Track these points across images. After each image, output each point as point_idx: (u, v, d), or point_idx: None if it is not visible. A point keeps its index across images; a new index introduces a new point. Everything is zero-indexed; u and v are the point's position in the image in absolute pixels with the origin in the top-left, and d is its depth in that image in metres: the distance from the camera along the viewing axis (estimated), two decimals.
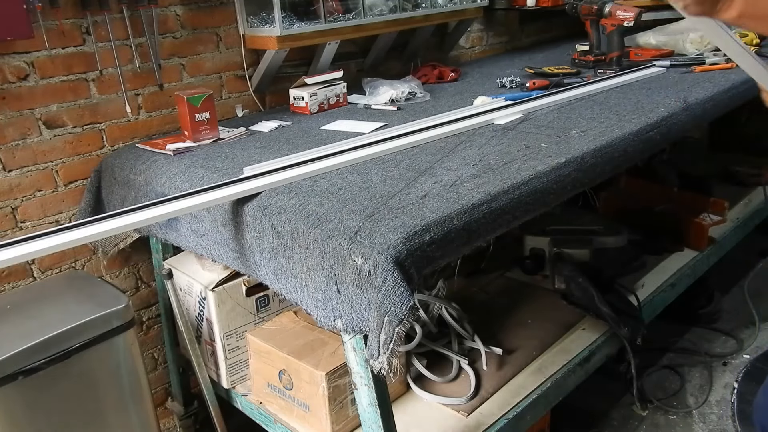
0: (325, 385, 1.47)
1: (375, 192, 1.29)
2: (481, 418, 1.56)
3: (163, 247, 1.84)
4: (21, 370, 1.34)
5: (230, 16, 2.02)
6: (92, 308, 1.47)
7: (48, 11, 1.60)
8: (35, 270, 1.77)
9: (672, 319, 2.47)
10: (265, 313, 1.75)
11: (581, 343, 1.82)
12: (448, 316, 1.81)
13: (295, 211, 1.24)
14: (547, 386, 1.66)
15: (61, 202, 1.78)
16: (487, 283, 2.17)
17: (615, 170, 1.57)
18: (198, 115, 1.72)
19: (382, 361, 1.08)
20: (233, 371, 1.75)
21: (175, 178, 1.54)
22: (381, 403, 1.25)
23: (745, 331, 2.47)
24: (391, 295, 1.04)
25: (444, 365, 1.72)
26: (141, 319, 1.99)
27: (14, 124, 1.65)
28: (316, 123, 1.89)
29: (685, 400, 2.17)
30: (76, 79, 1.74)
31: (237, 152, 1.65)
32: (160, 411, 2.09)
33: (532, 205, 1.32)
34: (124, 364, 1.53)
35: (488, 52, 3.01)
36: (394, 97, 2.05)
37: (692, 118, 1.82)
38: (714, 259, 2.39)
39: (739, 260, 2.85)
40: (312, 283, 1.19)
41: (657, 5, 2.70)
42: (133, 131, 1.88)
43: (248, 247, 1.33)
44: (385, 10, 2.17)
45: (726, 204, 2.47)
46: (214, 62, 2.02)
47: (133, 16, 1.78)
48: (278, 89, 2.18)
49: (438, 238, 1.13)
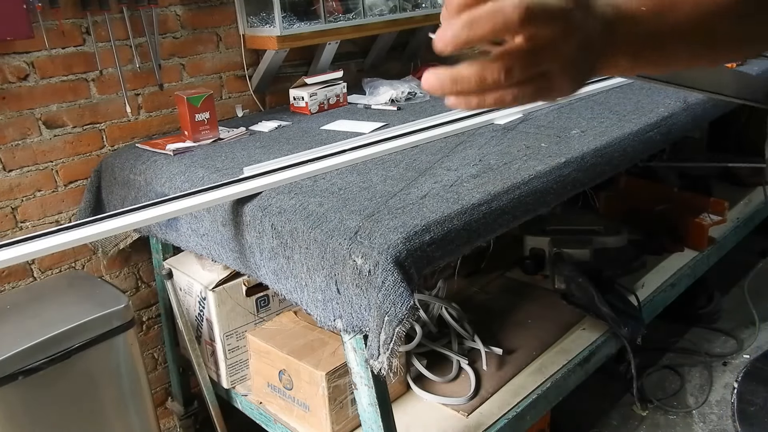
0: (325, 385, 1.47)
1: (375, 192, 1.29)
2: (481, 418, 1.56)
3: (163, 247, 1.84)
4: (21, 370, 1.34)
5: (230, 16, 2.02)
6: (92, 308, 1.47)
7: (48, 11, 1.60)
8: (35, 270, 1.77)
9: (672, 319, 2.47)
10: (265, 313, 1.75)
11: (581, 343, 1.82)
12: (448, 316, 1.81)
13: (295, 211, 1.24)
14: (547, 386, 1.66)
15: (61, 202, 1.78)
16: (487, 283, 2.17)
17: (615, 170, 1.57)
18: (198, 115, 1.72)
19: (382, 361, 1.08)
20: (233, 371, 1.75)
21: (175, 178, 1.54)
22: (381, 403, 1.25)
23: (745, 331, 2.47)
24: (391, 295, 1.04)
25: (444, 365, 1.72)
26: (141, 319, 1.99)
27: (14, 124, 1.65)
28: (316, 123, 1.89)
29: (685, 400, 2.17)
30: (76, 79, 1.74)
31: (237, 152, 1.65)
32: (160, 411, 2.09)
33: (532, 205, 1.32)
34: (124, 364, 1.53)
35: None
36: (394, 97, 2.05)
37: (692, 118, 1.82)
38: (714, 259, 2.39)
39: (739, 260, 2.85)
40: (312, 283, 1.19)
41: None
42: (133, 131, 1.88)
43: (248, 247, 1.33)
44: (385, 10, 2.17)
45: (726, 204, 2.46)
46: (214, 62, 2.02)
47: (133, 16, 1.78)
48: (278, 89, 2.18)
49: (438, 238, 1.13)
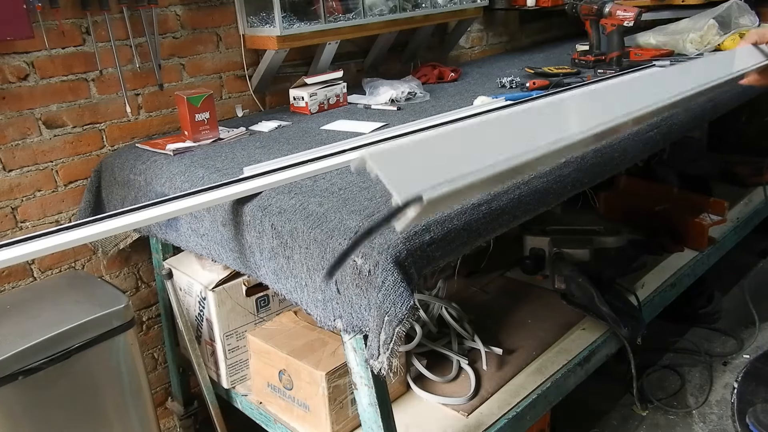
0: (325, 385, 1.47)
1: (375, 192, 1.29)
2: (481, 418, 1.56)
3: (163, 247, 1.84)
4: (21, 370, 1.34)
5: (230, 16, 2.02)
6: (92, 308, 1.47)
7: (48, 11, 1.60)
8: (35, 270, 1.77)
9: (672, 319, 2.48)
10: (265, 313, 1.75)
11: (581, 343, 1.82)
12: (448, 316, 1.81)
13: (295, 211, 1.24)
14: (547, 386, 1.66)
15: (61, 202, 1.78)
16: (487, 283, 2.17)
17: (615, 170, 1.57)
18: (198, 115, 1.72)
19: (382, 361, 1.08)
20: (233, 371, 1.75)
21: (175, 178, 1.54)
22: (381, 403, 1.25)
23: (745, 331, 2.48)
24: (391, 295, 1.04)
25: (444, 365, 1.72)
26: (141, 319, 1.99)
27: (14, 124, 1.65)
28: (316, 123, 1.89)
29: (685, 400, 2.17)
30: (76, 79, 1.74)
31: (237, 152, 1.65)
32: (160, 411, 2.09)
33: (532, 205, 1.32)
34: (124, 364, 1.53)
35: (488, 52, 3.01)
36: (394, 97, 2.05)
37: (692, 118, 1.82)
38: (714, 259, 2.39)
39: (739, 260, 2.85)
40: (312, 283, 1.19)
41: (657, 5, 2.70)
42: (133, 131, 1.88)
43: (248, 247, 1.33)
44: (385, 10, 2.17)
45: (726, 204, 2.46)
46: (214, 62, 2.02)
47: (133, 16, 1.78)
48: (278, 89, 2.18)
49: (438, 238, 1.13)
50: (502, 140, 0.70)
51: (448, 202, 0.62)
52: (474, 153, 0.66)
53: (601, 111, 0.85)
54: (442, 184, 0.59)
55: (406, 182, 0.58)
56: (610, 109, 0.84)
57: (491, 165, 0.63)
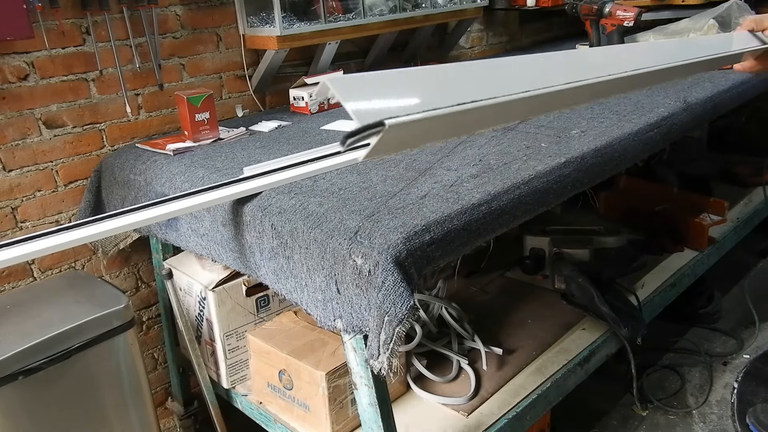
0: (325, 385, 1.47)
1: (375, 192, 1.29)
2: (481, 418, 1.56)
3: (163, 247, 1.84)
4: (21, 370, 1.34)
5: (230, 16, 2.02)
6: (92, 308, 1.47)
7: (48, 11, 1.60)
8: (35, 270, 1.77)
9: (672, 319, 2.48)
10: (265, 313, 1.75)
11: (581, 343, 1.82)
12: (448, 316, 1.81)
13: (295, 211, 1.24)
14: (547, 386, 1.66)
15: (61, 202, 1.78)
16: (487, 283, 2.17)
17: (615, 170, 1.57)
18: (198, 115, 1.72)
19: (382, 361, 1.08)
20: (233, 371, 1.75)
21: (175, 178, 1.54)
22: (381, 403, 1.25)
23: (745, 331, 2.48)
24: (391, 295, 1.04)
25: (444, 365, 1.72)
26: (141, 319, 1.99)
27: (14, 124, 1.65)
28: (316, 123, 1.89)
29: (685, 400, 2.17)
30: (76, 79, 1.74)
31: (237, 152, 1.65)
32: (160, 411, 2.09)
33: (532, 205, 1.32)
34: (124, 364, 1.53)
35: (488, 52, 3.01)
36: None
37: (692, 118, 1.82)
38: (714, 259, 2.39)
39: (739, 260, 2.85)
40: (312, 283, 1.19)
41: (657, 5, 2.70)
42: (133, 131, 1.88)
43: (248, 247, 1.33)
44: (385, 10, 2.17)
45: (726, 204, 2.46)
46: (214, 62, 2.02)
47: (133, 16, 1.78)
48: (278, 89, 2.18)
49: (438, 238, 1.13)
50: (484, 84, 0.68)
51: (413, 137, 0.60)
52: (450, 91, 0.64)
53: (601, 64, 0.84)
54: (409, 114, 0.58)
55: (371, 109, 0.57)
56: (596, 67, 0.84)
57: (462, 103, 0.62)
